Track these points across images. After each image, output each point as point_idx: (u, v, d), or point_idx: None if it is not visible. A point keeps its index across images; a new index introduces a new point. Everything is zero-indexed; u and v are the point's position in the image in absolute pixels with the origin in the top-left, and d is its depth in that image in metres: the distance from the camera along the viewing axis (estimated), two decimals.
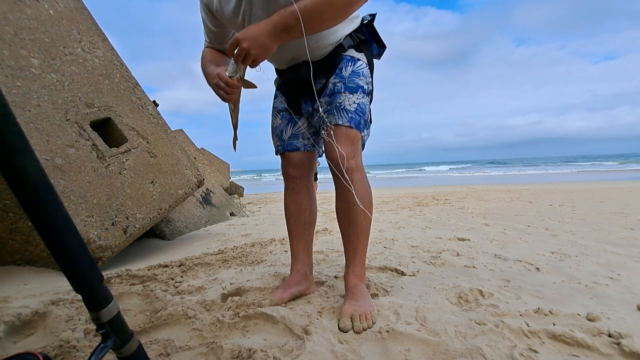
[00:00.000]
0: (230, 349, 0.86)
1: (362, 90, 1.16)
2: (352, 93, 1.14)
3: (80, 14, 2.18)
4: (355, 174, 1.13)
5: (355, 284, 1.17)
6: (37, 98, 1.74)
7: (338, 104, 1.14)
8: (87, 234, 1.71)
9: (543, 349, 0.86)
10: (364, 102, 1.16)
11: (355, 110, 1.14)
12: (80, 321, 1.08)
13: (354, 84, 1.15)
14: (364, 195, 1.14)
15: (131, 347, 0.59)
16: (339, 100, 1.14)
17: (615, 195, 4.90)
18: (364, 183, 1.16)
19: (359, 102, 1.15)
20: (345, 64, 1.17)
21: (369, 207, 1.17)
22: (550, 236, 2.29)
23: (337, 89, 1.16)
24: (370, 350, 0.88)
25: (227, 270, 1.67)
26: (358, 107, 1.14)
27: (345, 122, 1.12)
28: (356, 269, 1.18)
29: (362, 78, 1.17)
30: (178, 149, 2.53)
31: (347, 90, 1.14)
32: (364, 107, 1.16)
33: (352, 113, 1.13)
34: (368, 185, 1.18)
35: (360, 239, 1.18)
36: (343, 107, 1.13)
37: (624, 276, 1.41)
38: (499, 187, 8.00)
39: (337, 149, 1.10)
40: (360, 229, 1.17)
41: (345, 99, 1.14)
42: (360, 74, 1.17)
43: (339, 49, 1.17)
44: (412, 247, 2.04)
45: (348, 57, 1.17)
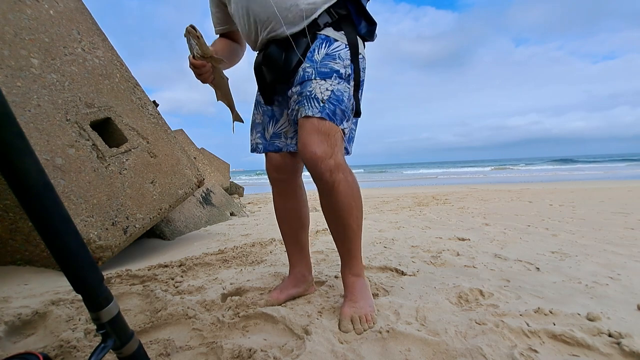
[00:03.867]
0: (230, 349, 0.86)
1: (337, 75, 1.00)
2: (325, 79, 0.99)
3: (80, 14, 2.18)
4: (337, 174, 0.99)
5: (353, 282, 1.11)
6: (37, 98, 1.74)
7: (308, 92, 0.99)
8: (87, 234, 1.71)
9: (543, 349, 0.86)
10: (340, 89, 1.00)
11: (329, 98, 0.99)
12: (81, 321, 1.08)
13: (327, 69, 1.00)
14: (351, 196, 1.03)
15: (131, 347, 0.59)
16: (309, 88, 0.99)
17: (615, 195, 4.90)
18: (349, 183, 1.03)
19: (333, 88, 0.99)
20: (318, 45, 1.02)
21: (357, 208, 1.06)
22: (550, 236, 2.29)
23: (307, 76, 1.01)
24: (370, 350, 0.88)
25: (227, 270, 1.67)
26: (332, 95, 0.99)
27: (316, 112, 0.97)
28: (352, 267, 1.13)
29: (338, 61, 1.01)
30: (178, 149, 2.53)
31: (318, 76, 1.00)
32: (341, 94, 1.00)
33: (324, 102, 0.98)
34: (354, 184, 1.05)
35: (353, 240, 1.10)
36: (314, 95, 0.99)
37: (624, 276, 1.41)
38: (499, 187, 8.00)
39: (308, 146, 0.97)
40: (351, 231, 1.08)
41: (317, 87, 0.99)
42: (336, 56, 1.01)
43: (312, 28, 1.02)
44: (412, 247, 2.04)
45: (323, 37, 1.03)
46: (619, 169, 18.17)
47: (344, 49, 1.03)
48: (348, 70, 1.03)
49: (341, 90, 1.01)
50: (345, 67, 1.02)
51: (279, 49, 1.04)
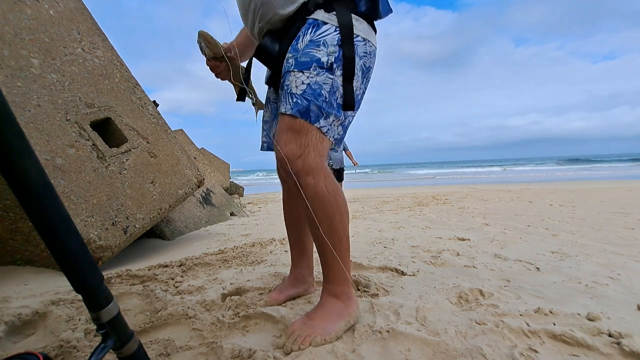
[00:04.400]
0: (230, 349, 0.86)
1: (317, 64, 0.89)
2: (302, 70, 0.90)
3: (80, 14, 2.18)
4: (306, 178, 0.90)
5: (323, 299, 1.01)
6: (37, 98, 1.74)
7: (286, 86, 0.92)
8: (87, 234, 1.71)
9: (543, 349, 0.86)
10: (318, 81, 0.89)
11: (303, 93, 0.89)
12: (81, 321, 1.08)
13: (307, 58, 0.90)
14: (321, 204, 0.92)
15: (131, 347, 0.59)
16: (287, 82, 0.92)
17: (615, 195, 4.90)
18: (319, 189, 0.91)
19: (310, 81, 0.89)
20: (304, 32, 0.93)
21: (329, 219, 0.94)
22: (550, 236, 2.29)
23: (287, 67, 0.94)
24: (370, 350, 0.88)
25: (227, 270, 1.67)
26: (308, 89, 0.89)
27: (288, 109, 0.90)
28: (328, 283, 1.01)
29: (321, 48, 0.90)
30: (178, 149, 2.53)
31: (296, 68, 0.91)
32: (318, 87, 0.89)
33: (297, 97, 0.89)
34: (329, 191, 0.93)
35: (326, 254, 0.98)
36: (290, 90, 0.91)
37: (624, 276, 1.41)
38: (499, 187, 8.00)
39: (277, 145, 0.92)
40: (322, 244, 0.97)
41: (293, 80, 0.91)
42: (321, 42, 0.90)
43: (302, 11, 0.94)
44: (412, 247, 2.04)
45: (311, 22, 0.93)
46: (619, 169, 18.14)
47: (331, 33, 0.91)
48: (331, 59, 0.90)
49: (319, 82, 0.90)
50: (329, 55, 0.90)
51: (271, 40, 0.98)
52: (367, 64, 0.97)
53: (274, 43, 0.98)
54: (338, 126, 0.95)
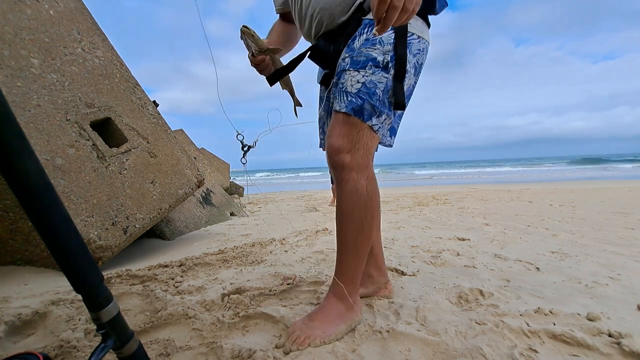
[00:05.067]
0: (230, 349, 0.86)
1: (372, 63, 0.91)
2: (358, 69, 0.92)
3: (80, 14, 2.18)
4: (348, 173, 0.93)
5: (327, 300, 1.01)
6: (37, 98, 1.74)
7: (341, 85, 0.95)
8: (87, 234, 1.71)
9: (543, 349, 0.86)
10: (373, 80, 0.91)
11: (358, 91, 0.91)
12: (81, 321, 1.08)
13: (363, 57, 0.92)
14: (355, 202, 0.94)
15: (131, 347, 0.59)
16: (342, 80, 0.95)
17: (615, 195, 4.90)
18: (359, 187, 0.94)
19: (365, 80, 0.92)
20: (360, 31, 0.95)
21: (358, 218, 0.95)
22: (550, 236, 2.29)
23: (342, 66, 0.96)
24: (370, 350, 0.88)
25: (227, 270, 1.67)
26: (363, 88, 0.91)
27: (342, 107, 0.93)
28: (337, 286, 1.00)
29: (378, 47, 0.92)
30: (178, 149, 2.53)
31: (352, 67, 0.93)
32: (373, 86, 0.91)
33: (352, 96, 0.92)
34: (366, 191, 0.95)
35: (344, 252, 0.99)
36: (344, 89, 0.93)
37: (624, 276, 1.41)
38: (499, 187, 8.00)
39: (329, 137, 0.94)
40: (344, 242, 0.98)
41: (349, 79, 0.93)
42: (377, 41, 0.92)
43: (358, 13, 0.95)
44: (412, 247, 2.04)
45: (367, 22, 0.95)
46: (619, 169, 18.14)
47: (387, 32, 0.91)
48: (387, 58, 0.92)
49: (374, 81, 0.92)
50: (385, 54, 0.92)
51: (326, 42, 1.01)
52: (420, 60, 0.99)
53: (328, 45, 1.01)
54: (389, 123, 0.98)
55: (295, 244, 2.24)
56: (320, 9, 0.99)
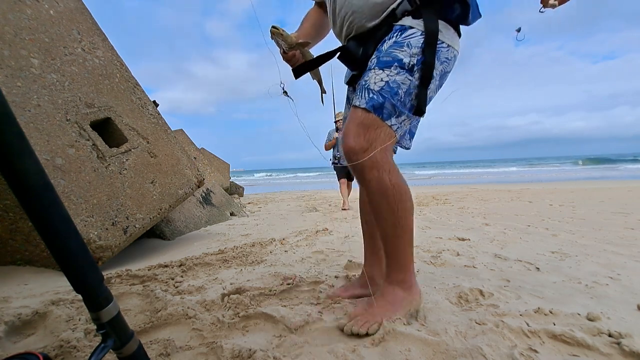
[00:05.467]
0: (230, 349, 0.86)
1: (398, 64, 0.92)
2: (383, 68, 0.93)
3: (80, 14, 2.18)
4: (371, 172, 0.94)
5: (386, 290, 1.03)
6: (37, 98, 1.74)
7: (364, 82, 0.95)
8: (87, 234, 1.71)
9: (543, 349, 0.86)
10: (396, 80, 0.92)
11: (381, 90, 0.92)
12: (81, 321, 1.08)
13: (389, 57, 0.93)
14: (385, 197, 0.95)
15: (131, 347, 0.59)
16: (366, 77, 0.95)
17: (615, 195, 4.90)
18: (384, 182, 0.95)
19: (389, 79, 0.92)
20: (390, 36, 0.96)
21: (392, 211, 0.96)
22: (550, 236, 2.29)
23: (369, 66, 0.97)
24: (370, 350, 0.88)
25: (227, 270, 1.67)
26: (386, 86, 0.92)
27: (362, 103, 0.93)
28: (391, 274, 1.03)
29: (405, 49, 0.92)
30: (178, 149, 2.53)
31: (377, 66, 0.94)
32: (396, 86, 0.92)
33: (374, 93, 0.92)
34: (393, 184, 0.95)
35: (390, 244, 1.01)
36: (367, 85, 0.94)
37: (624, 276, 1.41)
38: (499, 187, 8.00)
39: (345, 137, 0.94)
40: (385, 235, 1.01)
41: (372, 76, 0.94)
42: (405, 44, 0.93)
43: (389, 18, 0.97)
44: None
45: (398, 27, 0.96)
46: (619, 169, 18.11)
47: (417, 36, 0.93)
48: (413, 61, 0.92)
49: (398, 82, 0.92)
50: (412, 57, 0.92)
51: (356, 44, 1.02)
52: (446, 69, 1.00)
53: (358, 47, 1.02)
54: (407, 125, 0.99)
55: (295, 244, 2.24)
56: (353, 11, 1.00)
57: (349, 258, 1.72)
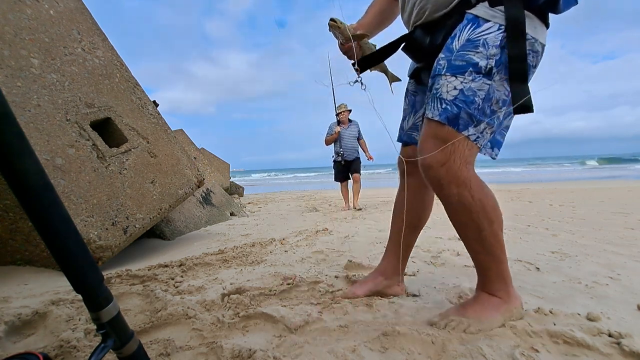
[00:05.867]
0: (230, 349, 0.86)
1: (473, 69, 0.84)
2: (456, 75, 0.85)
3: (80, 14, 2.18)
4: (448, 189, 0.89)
5: (480, 296, 1.01)
6: (37, 98, 1.74)
7: (435, 90, 0.89)
8: (87, 234, 1.71)
9: (543, 349, 0.86)
10: (472, 88, 0.84)
11: (454, 99, 0.85)
12: (81, 321, 1.08)
13: (462, 61, 0.85)
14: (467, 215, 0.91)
15: (131, 347, 0.58)
16: (437, 85, 0.88)
17: (615, 195, 4.90)
18: (464, 200, 0.89)
19: (463, 87, 0.85)
20: (461, 29, 0.87)
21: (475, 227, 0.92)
22: (550, 236, 2.29)
23: (438, 69, 0.89)
24: (370, 350, 0.88)
25: (227, 270, 1.67)
26: (460, 95, 0.85)
27: (436, 115, 0.87)
28: (483, 284, 1.01)
29: (480, 50, 0.84)
30: (178, 149, 2.53)
31: (449, 71, 0.86)
32: (472, 94, 0.84)
33: (447, 103, 0.86)
34: (475, 201, 0.90)
35: (477, 256, 0.98)
36: (439, 95, 0.87)
37: (624, 276, 1.40)
38: (499, 187, 7.99)
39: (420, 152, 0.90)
40: (471, 248, 0.98)
41: (444, 84, 0.87)
42: (480, 43, 0.83)
43: (462, 6, 0.87)
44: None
45: (470, 18, 0.86)
46: (619, 169, 18.07)
47: (494, 32, 0.83)
48: (491, 63, 0.83)
49: (474, 89, 0.84)
50: (489, 58, 0.83)
51: (423, 33, 0.95)
52: (532, 63, 0.89)
53: (425, 36, 0.95)
54: (490, 133, 0.90)
55: (295, 244, 2.24)
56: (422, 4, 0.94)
57: (349, 258, 1.72)
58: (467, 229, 0.94)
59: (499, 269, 0.97)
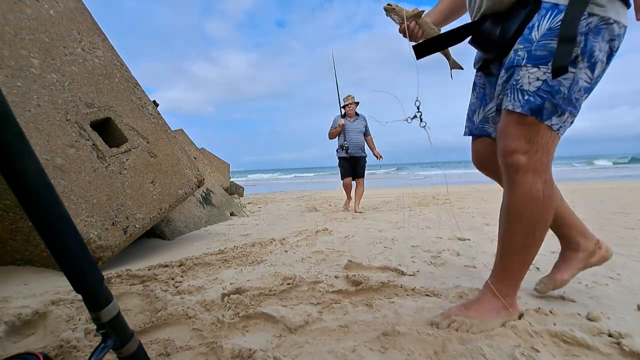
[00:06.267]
0: (230, 349, 0.86)
1: None
2: (538, 65, 0.83)
3: (80, 14, 2.18)
4: (523, 176, 0.87)
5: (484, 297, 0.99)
6: (37, 98, 1.74)
7: (514, 82, 0.87)
8: (87, 234, 1.71)
9: (544, 349, 0.86)
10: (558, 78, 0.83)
11: (537, 90, 0.84)
12: (81, 321, 1.08)
13: (545, 51, 0.82)
14: (529, 205, 0.89)
15: (131, 347, 0.58)
16: (517, 76, 0.86)
17: (615, 195, 4.89)
18: (534, 191, 0.88)
19: (547, 77, 0.83)
20: (539, 19, 0.84)
21: (530, 223, 0.90)
22: (550, 236, 2.28)
23: (517, 60, 0.87)
24: (370, 350, 0.88)
25: (227, 270, 1.67)
26: (544, 86, 0.83)
27: (517, 107, 0.86)
28: (495, 281, 0.99)
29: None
30: (178, 148, 2.53)
31: (530, 62, 0.84)
32: (557, 84, 0.83)
33: (529, 94, 0.84)
34: (543, 196, 0.89)
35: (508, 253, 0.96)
36: (519, 86, 0.86)
37: (624, 276, 1.41)
38: (499, 187, 7.99)
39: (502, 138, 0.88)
40: (510, 242, 0.95)
41: (525, 75, 0.85)
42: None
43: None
44: (412, 247, 2.04)
45: (548, 6, 0.84)
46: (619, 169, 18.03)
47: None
48: (577, 51, 0.81)
49: (559, 79, 0.83)
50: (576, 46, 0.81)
51: (492, 24, 0.92)
52: (613, 47, 0.87)
53: (495, 27, 0.92)
54: (571, 122, 0.90)
55: (295, 244, 2.24)
56: None
57: (349, 258, 1.72)
58: (523, 219, 0.91)
59: (519, 274, 0.97)
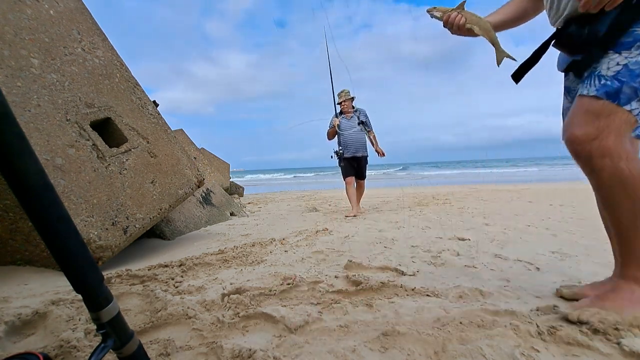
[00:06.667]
0: (230, 349, 0.86)
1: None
2: (620, 52, 0.84)
3: (80, 14, 2.18)
4: (602, 160, 0.86)
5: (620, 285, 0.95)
6: (37, 98, 1.74)
7: (594, 69, 0.87)
8: (87, 234, 1.71)
9: (544, 349, 0.86)
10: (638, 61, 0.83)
11: (616, 74, 0.84)
12: (81, 321, 1.08)
13: (629, 37, 0.83)
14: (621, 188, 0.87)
15: (131, 347, 0.59)
16: (596, 65, 0.87)
17: None
18: (618, 172, 0.86)
19: (627, 62, 0.83)
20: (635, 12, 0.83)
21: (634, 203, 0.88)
22: (550, 236, 2.29)
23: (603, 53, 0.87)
24: (371, 350, 0.88)
25: (227, 270, 1.67)
26: (623, 70, 0.83)
27: (592, 91, 0.86)
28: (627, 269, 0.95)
29: None
30: (178, 148, 2.53)
31: (615, 48, 0.85)
32: (637, 67, 0.83)
33: (606, 79, 0.85)
34: (632, 174, 0.86)
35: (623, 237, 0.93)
36: (597, 72, 0.86)
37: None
38: (499, 187, 7.99)
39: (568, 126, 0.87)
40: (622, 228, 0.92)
41: (605, 62, 0.86)
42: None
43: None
44: (412, 247, 2.04)
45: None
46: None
47: None
48: None
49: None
50: None
51: (578, 26, 0.91)
52: None
53: (581, 29, 0.92)
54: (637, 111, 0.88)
55: (295, 244, 2.24)
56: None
57: (349, 258, 1.72)
58: (620, 202, 0.89)
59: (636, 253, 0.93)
